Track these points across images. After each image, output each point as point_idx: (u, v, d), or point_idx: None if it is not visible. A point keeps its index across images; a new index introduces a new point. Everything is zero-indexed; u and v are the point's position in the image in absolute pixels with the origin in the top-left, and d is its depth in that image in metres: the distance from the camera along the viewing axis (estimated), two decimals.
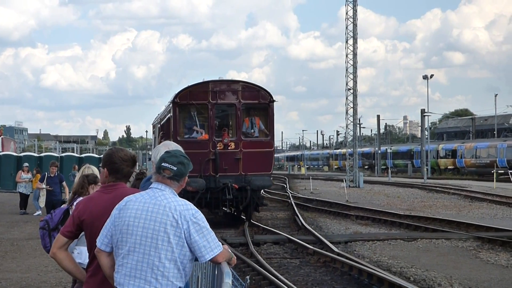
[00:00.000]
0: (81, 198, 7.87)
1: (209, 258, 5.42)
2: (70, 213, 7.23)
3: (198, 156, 26.22)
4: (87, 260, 6.20)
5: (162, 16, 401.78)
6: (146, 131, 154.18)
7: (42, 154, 61.82)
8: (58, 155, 62.21)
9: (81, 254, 7.66)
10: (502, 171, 70.62)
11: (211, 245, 5.41)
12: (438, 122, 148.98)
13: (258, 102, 27.95)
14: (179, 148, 6.53)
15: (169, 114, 28.78)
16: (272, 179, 27.31)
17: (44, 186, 27.36)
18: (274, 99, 28.21)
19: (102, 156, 6.28)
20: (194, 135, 27.64)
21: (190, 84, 28.39)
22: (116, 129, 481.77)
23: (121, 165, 6.26)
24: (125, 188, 6.23)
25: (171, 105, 28.19)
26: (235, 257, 5.80)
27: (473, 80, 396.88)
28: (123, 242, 5.45)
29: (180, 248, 5.38)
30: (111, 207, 5.72)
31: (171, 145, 6.77)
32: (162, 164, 5.56)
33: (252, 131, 27.93)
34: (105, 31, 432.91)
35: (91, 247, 5.98)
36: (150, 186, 5.60)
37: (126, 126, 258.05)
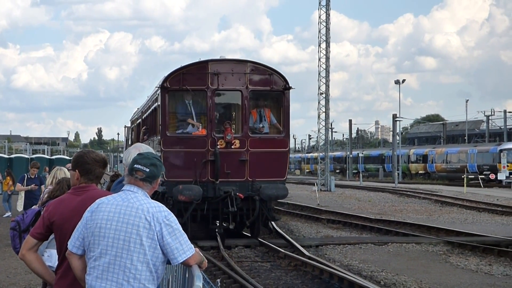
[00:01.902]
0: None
1: (182, 260, 5.42)
2: None
3: (193, 157, 21.97)
4: (57, 263, 6.16)
5: (135, 18, 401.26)
6: (118, 134, 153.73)
7: (13, 156, 61.48)
8: (28, 156, 61.85)
9: (51, 257, 7.61)
10: (473, 176, 71.18)
11: (184, 247, 5.41)
12: (409, 127, 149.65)
13: (270, 88, 22.72)
14: (151, 150, 6.50)
15: (156, 104, 23.71)
16: (287, 187, 22.91)
17: (24, 187, 24.90)
18: (290, 85, 22.94)
19: (72, 158, 6.28)
20: (188, 129, 22.55)
21: (184, 65, 22.88)
22: (88, 131, 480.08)
23: (93, 166, 6.25)
24: (96, 190, 6.21)
25: (158, 92, 22.91)
26: (206, 261, 5.79)
27: (445, 86, 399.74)
28: (95, 244, 5.43)
29: (153, 250, 5.37)
30: (81, 209, 5.70)
31: (142, 147, 6.75)
32: (135, 165, 5.54)
33: (261, 125, 22.79)
34: (78, 32, 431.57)
35: (61, 249, 5.96)
36: (123, 188, 5.59)
37: (98, 128, 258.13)
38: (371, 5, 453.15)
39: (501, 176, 67.51)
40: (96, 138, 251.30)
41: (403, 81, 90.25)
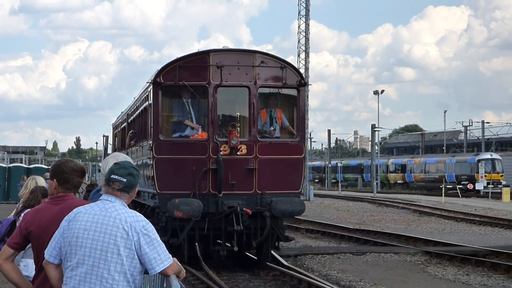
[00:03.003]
0: (28, 209, 7.79)
1: (160, 270, 5.41)
2: (17, 224, 7.16)
3: (191, 165, 18.75)
4: (33, 273, 6.14)
5: (114, 27, 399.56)
6: (96, 143, 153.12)
7: None
8: (6, 165, 61.50)
9: (27, 266, 7.59)
10: (451, 186, 71.54)
11: (162, 257, 5.40)
12: (388, 137, 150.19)
13: (282, 84, 19.55)
14: (128, 159, 6.49)
15: (147, 103, 20.52)
16: (303, 202, 19.72)
17: None
18: (305, 81, 19.99)
19: (50, 167, 6.29)
20: (186, 132, 19.32)
21: (181, 56, 19.71)
22: (66, 140, 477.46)
23: (71, 175, 6.23)
24: (74, 199, 6.19)
25: (150, 88, 19.66)
26: (184, 270, 5.78)
27: (423, 96, 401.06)
28: (72, 254, 5.41)
29: (130, 260, 5.36)
30: (59, 218, 5.67)
31: (120, 157, 6.73)
32: (112, 176, 5.53)
33: (272, 128, 19.65)
34: (56, 41, 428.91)
35: (38, 258, 5.93)
36: (100, 198, 5.57)
37: (76, 138, 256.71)
38: (350, 15, 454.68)
39: (479, 186, 67.91)
40: (75, 147, 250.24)
41: (382, 91, 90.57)
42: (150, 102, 19.63)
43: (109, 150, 39.48)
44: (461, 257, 22.10)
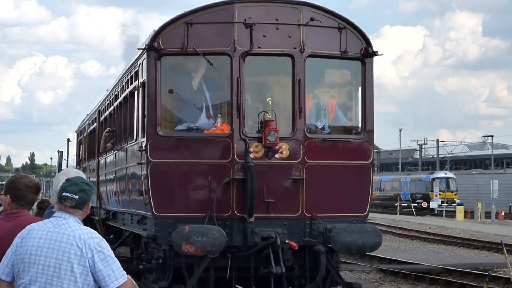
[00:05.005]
0: None
1: None
2: None
3: (207, 174, 12.71)
4: None
5: (70, 42, 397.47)
6: (51, 158, 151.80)
7: None
8: None
9: None
10: (405, 204, 72.04)
11: (116, 274, 5.37)
12: None
13: (341, 53, 13.21)
14: (80, 174, 6.45)
15: (134, 84, 14.46)
16: (379, 231, 13.41)
17: None
18: (374, 50, 13.48)
19: (4, 183, 6.24)
20: (199, 124, 13.07)
21: (190, 9, 13.04)
22: (20, 155, 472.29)
23: (25, 192, 6.21)
24: (28, 216, 6.16)
25: (143, 59, 13.43)
26: None
27: (379, 114, 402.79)
28: (25, 271, 5.36)
29: (84, 277, 5.32)
30: (12, 235, 5.63)
31: (70, 173, 6.69)
32: (63, 194, 5.49)
33: (320, 126, 13.46)
34: (11, 56, 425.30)
35: None
36: (54, 215, 5.54)
37: (30, 153, 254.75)
38: None
39: (433, 204, 68.57)
40: (29, 162, 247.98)
41: None
42: (142, 81, 13.54)
43: (64, 166, 38.97)
44: (415, 275, 22.23)
